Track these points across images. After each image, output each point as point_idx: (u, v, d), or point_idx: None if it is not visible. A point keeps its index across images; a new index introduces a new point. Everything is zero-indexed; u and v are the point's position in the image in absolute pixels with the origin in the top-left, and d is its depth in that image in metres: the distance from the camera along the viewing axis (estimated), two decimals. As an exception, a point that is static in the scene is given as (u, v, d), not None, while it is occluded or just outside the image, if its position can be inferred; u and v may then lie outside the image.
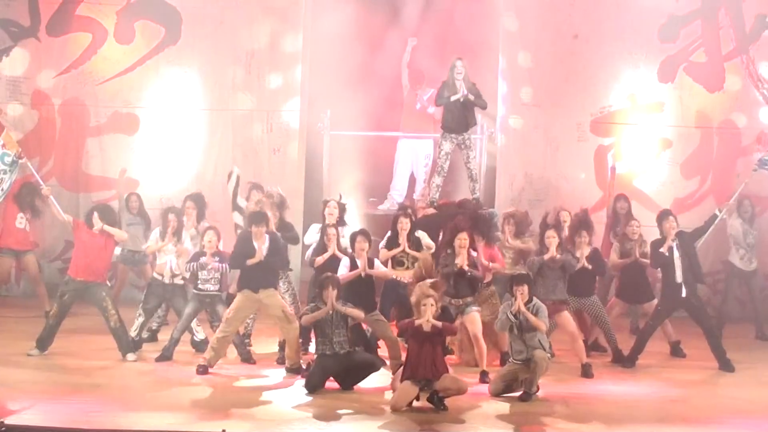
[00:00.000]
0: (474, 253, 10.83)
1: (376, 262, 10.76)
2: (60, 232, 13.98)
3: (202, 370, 10.26)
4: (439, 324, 9.30)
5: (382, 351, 10.67)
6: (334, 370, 9.80)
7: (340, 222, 11.30)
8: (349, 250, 10.83)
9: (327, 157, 14.53)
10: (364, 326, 10.66)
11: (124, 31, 14.71)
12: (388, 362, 10.41)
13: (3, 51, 14.81)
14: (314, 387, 9.68)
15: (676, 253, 11.09)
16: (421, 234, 11.21)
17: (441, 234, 11.47)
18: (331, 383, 9.84)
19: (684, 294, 11.04)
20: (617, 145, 14.57)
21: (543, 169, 14.56)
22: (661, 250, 11.13)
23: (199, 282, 10.94)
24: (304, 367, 10.26)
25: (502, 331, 10.15)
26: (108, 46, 14.73)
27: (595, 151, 14.57)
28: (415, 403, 9.14)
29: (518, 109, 14.66)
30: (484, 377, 10.17)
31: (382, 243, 11.28)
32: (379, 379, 10.08)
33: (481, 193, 13.14)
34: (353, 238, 10.74)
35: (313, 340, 10.26)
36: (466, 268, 10.55)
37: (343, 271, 10.52)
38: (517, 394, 9.63)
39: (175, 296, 11.21)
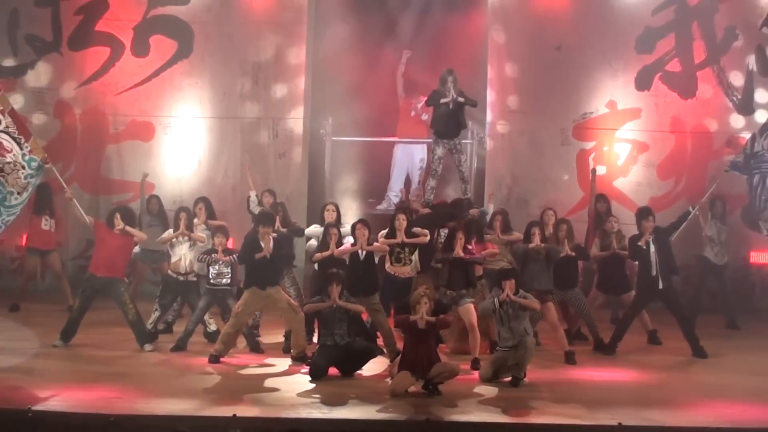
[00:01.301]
0: (469, 247, 10.89)
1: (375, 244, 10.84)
2: (82, 232, 14.06)
3: (214, 359, 10.29)
4: (433, 319, 9.34)
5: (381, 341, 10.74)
6: (335, 359, 9.85)
7: (338, 222, 11.36)
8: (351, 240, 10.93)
9: (329, 161, 14.65)
10: (364, 318, 10.73)
11: (140, 45, 14.79)
12: (385, 350, 10.49)
13: (28, 64, 14.90)
14: (318, 374, 9.70)
15: (652, 247, 11.14)
16: (415, 229, 11.23)
17: (436, 233, 11.53)
18: (334, 372, 9.91)
19: (660, 286, 11.10)
20: (598, 148, 14.65)
21: (529, 171, 14.62)
22: (639, 243, 11.20)
23: (211, 277, 11.03)
24: (308, 356, 10.34)
25: (483, 314, 10.22)
26: (125, 60, 14.82)
27: (577, 155, 14.62)
28: (411, 389, 9.20)
29: (506, 115, 14.72)
30: (475, 364, 10.20)
31: (381, 234, 11.33)
32: (378, 366, 10.16)
33: (472, 194, 13.20)
34: (354, 225, 10.83)
35: (316, 331, 10.34)
36: (462, 254, 10.59)
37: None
38: (506, 379, 9.71)
39: (189, 292, 11.27)
